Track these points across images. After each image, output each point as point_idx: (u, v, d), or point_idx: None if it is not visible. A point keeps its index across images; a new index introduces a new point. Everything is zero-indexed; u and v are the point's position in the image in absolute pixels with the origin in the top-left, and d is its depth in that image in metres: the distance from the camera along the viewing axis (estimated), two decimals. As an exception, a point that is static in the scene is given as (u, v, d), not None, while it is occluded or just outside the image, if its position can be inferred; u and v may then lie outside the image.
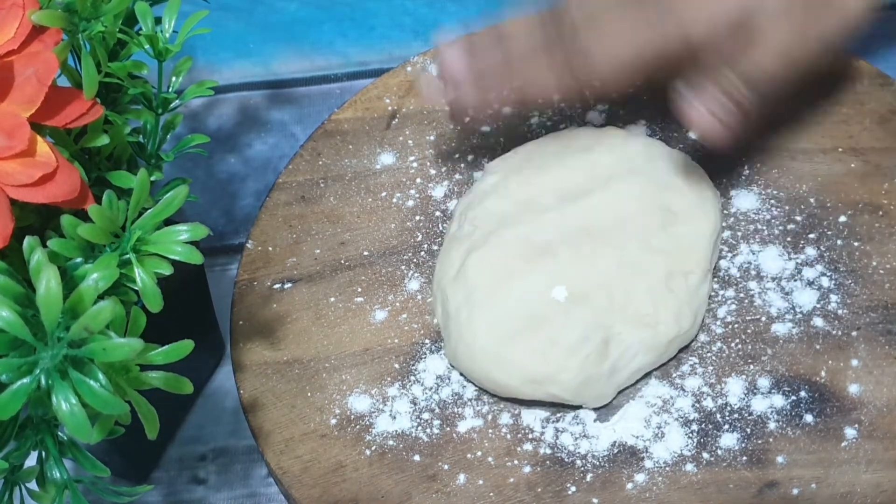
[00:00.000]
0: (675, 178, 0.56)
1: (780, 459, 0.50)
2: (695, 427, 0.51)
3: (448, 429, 0.52)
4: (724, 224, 0.57)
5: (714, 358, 0.53)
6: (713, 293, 0.55)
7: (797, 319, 0.54)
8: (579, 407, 0.52)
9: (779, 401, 0.52)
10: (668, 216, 0.54)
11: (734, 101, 0.50)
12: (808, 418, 0.51)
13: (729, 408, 0.52)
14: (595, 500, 0.50)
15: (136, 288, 0.41)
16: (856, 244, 0.56)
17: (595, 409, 0.52)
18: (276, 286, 0.57)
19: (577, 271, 0.53)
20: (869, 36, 0.58)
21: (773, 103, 0.52)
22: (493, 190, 0.57)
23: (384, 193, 0.61)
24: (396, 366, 0.55)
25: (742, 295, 0.55)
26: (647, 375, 0.53)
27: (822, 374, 0.52)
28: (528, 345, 0.51)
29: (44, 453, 0.42)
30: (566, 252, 0.53)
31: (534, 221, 0.55)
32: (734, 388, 0.52)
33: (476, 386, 0.54)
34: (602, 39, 0.51)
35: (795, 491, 0.49)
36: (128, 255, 0.41)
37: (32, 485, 0.42)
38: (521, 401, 0.53)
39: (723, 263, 0.56)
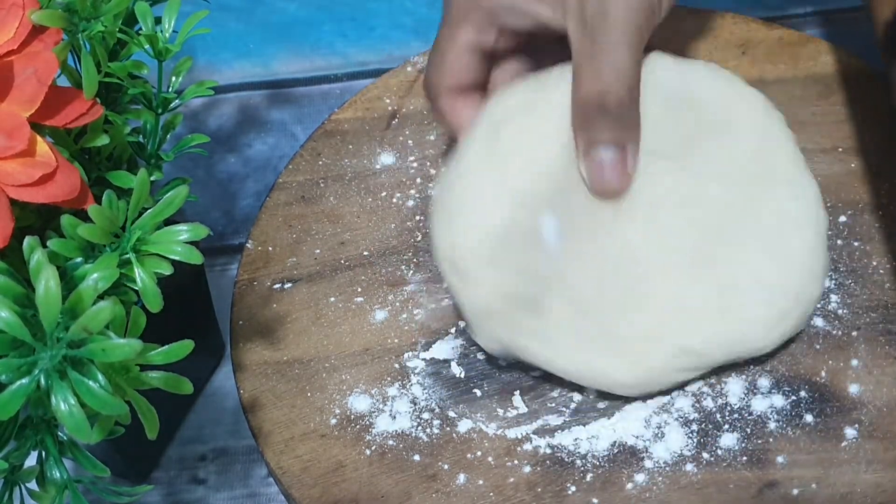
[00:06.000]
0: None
1: (780, 459, 0.50)
2: (695, 427, 0.51)
3: (448, 429, 0.52)
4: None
5: (714, 358, 0.53)
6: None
7: (797, 319, 0.54)
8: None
9: (779, 401, 0.52)
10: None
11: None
12: (808, 418, 0.51)
13: (729, 408, 0.52)
14: (595, 500, 0.50)
15: (136, 288, 0.41)
16: (856, 244, 0.56)
17: (596, 409, 0.52)
18: (276, 286, 0.57)
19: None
20: (869, 35, 0.58)
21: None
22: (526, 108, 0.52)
23: (384, 193, 0.61)
24: (396, 366, 0.55)
25: (742, 295, 0.55)
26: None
27: (822, 374, 0.52)
28: None
29: (44, 453, 0.42)
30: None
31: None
32: (734, 388, 0.52)
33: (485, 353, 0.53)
34: None
35: (795, 491, 0.49)
36: (128, 255, 0.41)
37: (32, 485, 0.42)
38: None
39: (723, 263, 0.56)
